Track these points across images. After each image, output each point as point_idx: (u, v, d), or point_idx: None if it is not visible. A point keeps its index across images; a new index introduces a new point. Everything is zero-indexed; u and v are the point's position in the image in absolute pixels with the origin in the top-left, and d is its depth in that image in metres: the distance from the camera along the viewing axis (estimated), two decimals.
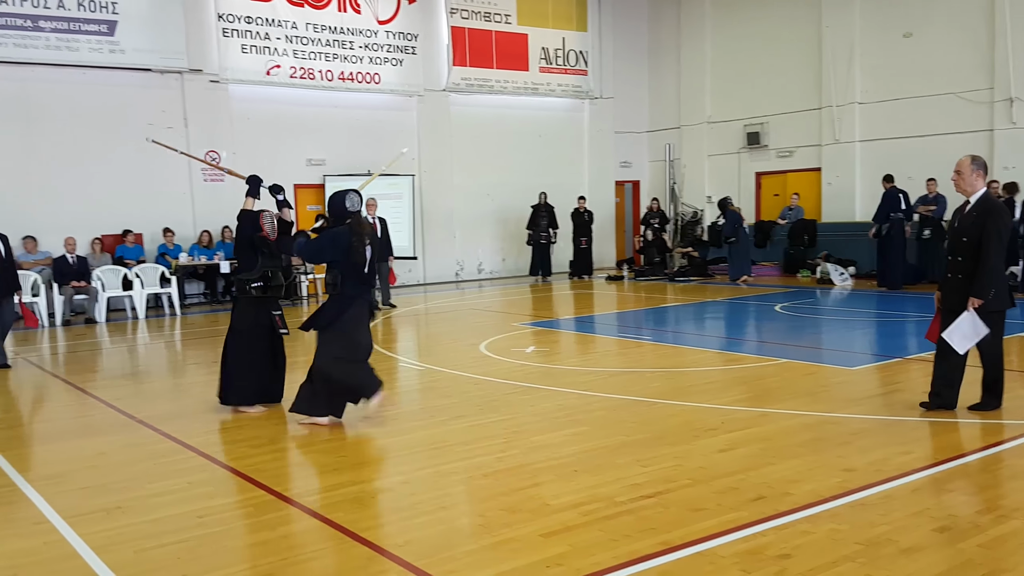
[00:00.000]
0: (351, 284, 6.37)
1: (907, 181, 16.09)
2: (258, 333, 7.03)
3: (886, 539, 3.91)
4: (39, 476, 5.32)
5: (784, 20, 18.71)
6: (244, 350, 6.96)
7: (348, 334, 6.35)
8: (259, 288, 6.99)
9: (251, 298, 7.01)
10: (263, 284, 7.01)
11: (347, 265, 6.33)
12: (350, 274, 6.36)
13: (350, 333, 6.36)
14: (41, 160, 14.63)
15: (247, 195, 7.35)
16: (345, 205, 6.46)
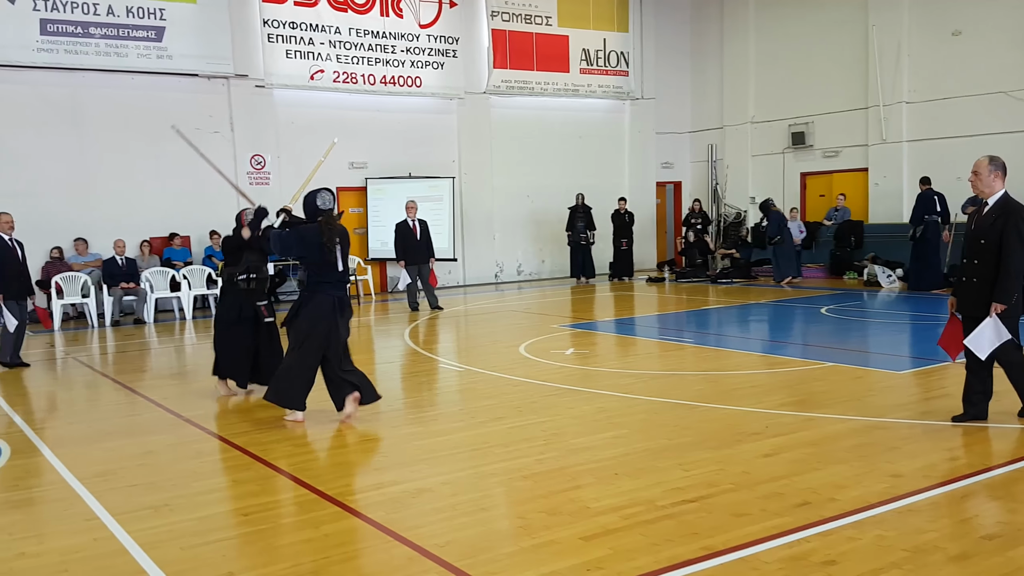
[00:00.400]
0: (318, 281, 6.58)
1: (955, 182, 15.72)
2: (242, 322, 7.64)
3: (934, 546, 3.83)
4: (89, 474, 5.44)
5: (830, 19, 18.44)
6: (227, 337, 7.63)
7: (307, 329, 6.52)
8: (244, 281, 7.52)
9: (237, 290, 7.57)
10: (246, 278, 7.54)
11: (315, 262, 6.55)
12: (319, 271, 6.57)
13: (309, 328, 6.52)
14: (91, 164, 14.97)
15: (248, 225, 7.79)
16: (317, 204, 6.71)
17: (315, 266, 6.58)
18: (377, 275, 18.10)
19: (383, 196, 17.58)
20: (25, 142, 14.41)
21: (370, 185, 17.59)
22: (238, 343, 7.69)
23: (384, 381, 8.85)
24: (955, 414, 6.06)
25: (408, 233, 13.99)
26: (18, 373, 9.54)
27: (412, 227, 14.03)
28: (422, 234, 14.10)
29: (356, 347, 10.97)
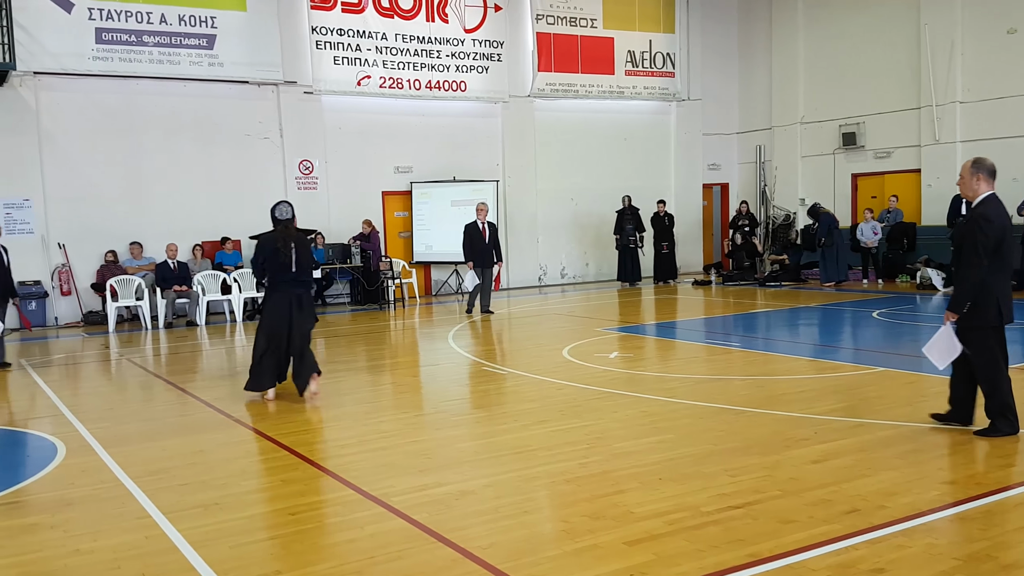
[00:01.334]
0: (275, 281, 7.65)
1: (1011, 183, 15.35)
2: None
3: (986, 555, 3.74)
4: (142, 472, 5.56)
5: (880, 17, 18.11)
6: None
7: (264, 321, 7.76)
8: None
9: None
10: None
11: (273, 264, 7.59)
12: (275, 272, 7.62)
13: (265, 320, 7.75)
14: (144, 169, 15.33)
15: None
16: (275, 214, 7.82)
17: (273, 268, 7.65)
18: (422, 278, 18.23)
19: (428, 200, 17.70)
20: (81, 148, 14.81)
21: (415, 189, 17.72)
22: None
23: (428, 384, 8.93)
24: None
25: (477, 235, 14.04)
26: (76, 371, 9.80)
27: (481, 229, 14.09)
28: (490, 237, 14.14)
29: (401, 350, 11.08)
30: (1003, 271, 5.58)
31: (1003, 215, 5.58)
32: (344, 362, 10.02)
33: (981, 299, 5.54)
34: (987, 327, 5.58)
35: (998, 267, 5.53)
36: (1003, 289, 5.57)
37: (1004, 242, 5.51)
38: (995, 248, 5.48)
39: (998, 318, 5.56)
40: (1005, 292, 5.57)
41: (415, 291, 17.49)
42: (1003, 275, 5.58)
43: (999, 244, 5.48)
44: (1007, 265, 5.59)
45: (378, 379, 9.06)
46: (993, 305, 5.54)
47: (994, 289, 5.53)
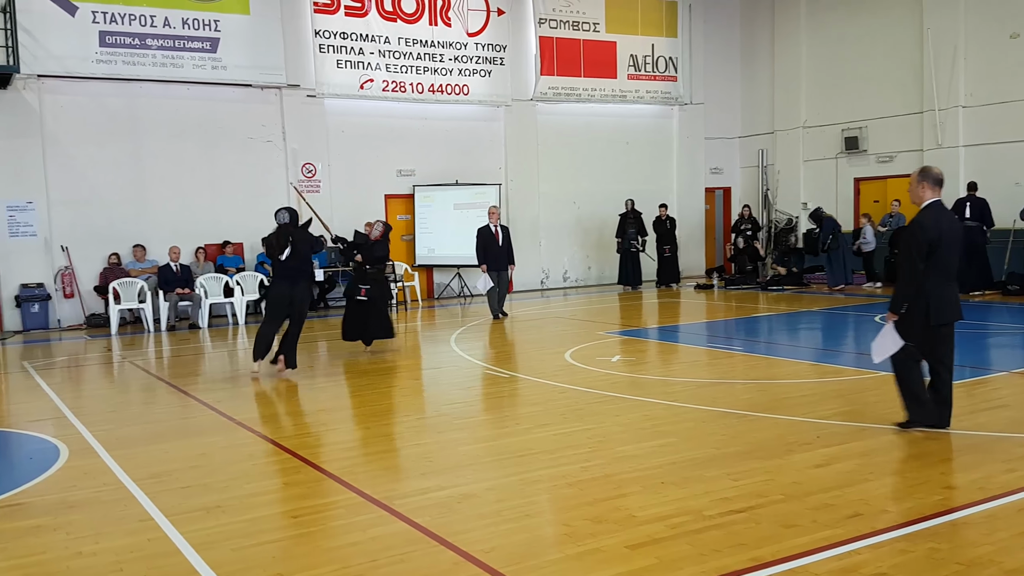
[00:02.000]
0: (276, 273, 9.37)
1: (1014, 188, 15.41)
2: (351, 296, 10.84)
3: (988, 560, 3.74)
4: (144, 475, 5.57)
5: (883, 22, 18.12)
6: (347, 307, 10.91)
7: (268, 305, 9.71)
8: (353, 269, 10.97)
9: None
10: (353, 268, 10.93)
11: (273, 259, 9.33)
12: (273, 264, 9.41)
13: (269, 304, 9.66)
14: (147, 172, 15.35)
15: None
16: (276, 218, 9.46)
17: (273, 262, 9.38)
18: (424, 281, 18.23)
19: (430, 203, 17.72)
20: (84, 151, 14.83)
21: (417, 192, 17.74)
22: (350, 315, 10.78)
23: (430, 387, 8.93)
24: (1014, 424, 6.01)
25: (490, 238, 14.03)
26: (78, 374, 9.81)
27: (494, 232, 14.09)
28: (504, 240, 14.14)
29: (404, 353, 11.08)
30: (938, 275, 5.83)
31: (940, 222, 5.85)
32: (346, 364, 10.02)
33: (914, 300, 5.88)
34: (916, 326, 5.88)
35: (933, 271, 5.81)
36: (937, 291, 5.84)
37: (939, 248, 5.79)
38: (929, 253, 5.78)
39: (926, 318, 5.85)
40: (938, 294, 5.83)
41: (417, 294, 17.49)
42: (938, 278, 5.84)
43: (933, 250, 5.78)
44: (942, 269, 5.84)
45: (380, 382, 9.06)
46: (924, 306, 5.84)
47: (929, 291, 5.83)
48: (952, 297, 5.91)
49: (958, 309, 5.97)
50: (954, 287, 5.97)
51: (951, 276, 5.94)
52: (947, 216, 6.01)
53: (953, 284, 5.97)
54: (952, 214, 6.13)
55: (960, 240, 6.06)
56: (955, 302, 5.94)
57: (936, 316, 5.85)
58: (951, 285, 5.93)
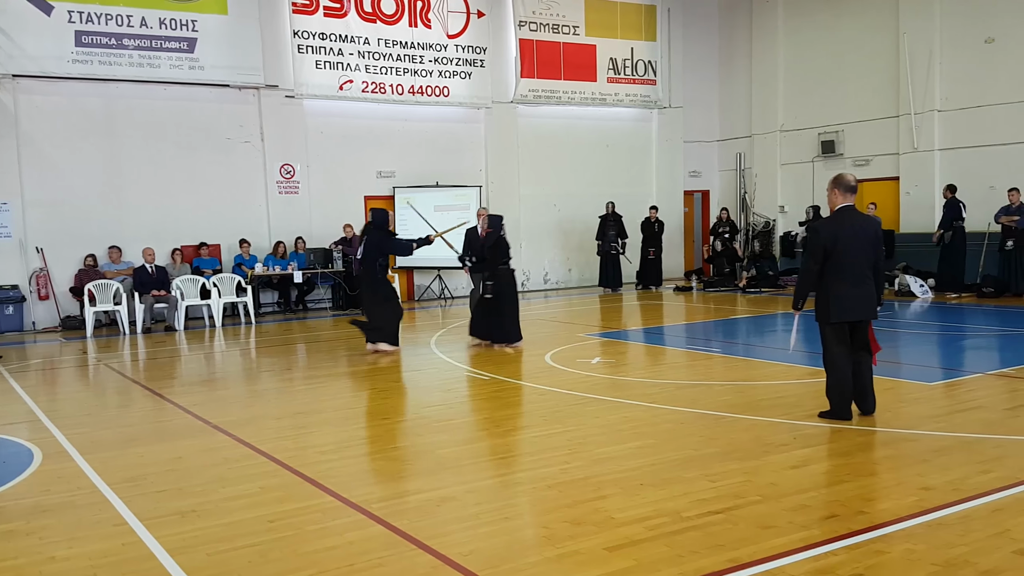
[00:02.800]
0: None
1: (989, 191, 15.59)
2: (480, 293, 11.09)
3: (964, 561, 3.77)
4: (119, 479, 5.50)
5: (860, 26, 18.29)
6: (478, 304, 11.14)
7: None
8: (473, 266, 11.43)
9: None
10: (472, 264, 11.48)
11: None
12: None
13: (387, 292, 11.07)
14: (124, 173, 15.22)
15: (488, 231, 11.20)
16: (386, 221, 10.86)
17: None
18: (404, 283, 18.18)
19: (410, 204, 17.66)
20: (60, 151, 14.68)
21: (397, 194, 17.69)
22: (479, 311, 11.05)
23: (410, 389, 8.89)
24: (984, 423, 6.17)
25: (475, 240, 13.98)
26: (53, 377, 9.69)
27: (480, 234, 14.02)
28: None
29: (384, 356, 11.04)
30: (837, 275, 6.21)
31: (840, 227, 6.24)
32: (325, 367, 9.97)
33: (819, 298, 6.36)
34: (824, 323, 6.34)
35: (831, 272, 6.21)
36: (837, 290, 6.22)
37: (836, 249, 6.18)
38: (826, 255, 6.21)
39: (827, 315, 6.28)
40: (837, 294, 6.22)
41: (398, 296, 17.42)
42: (836, 278, 6.22)
43: (828, 253, 6.19)
44: (841, 270, 6.20)
45: (359, 385, 9.03)
46: (824, 304, 6.30)
47: (829, 290, 6.24)
48: (856, 297, 6.23)
49: (862, 309, 6.26)
50: (862, 288, 6.25)
51: (854, 277, 6.23)
52: (852, 220, 6.32)
53: (860, 285, 6.25)
54: (862, 218, 6.42)
55: (871, 243, 6.31)
56: (860, 301, 6.24)
57: (836, 314, 6.25)
58: (856, 286, 6.23)
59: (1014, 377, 7.94)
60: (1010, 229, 14.48)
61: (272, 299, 16.54)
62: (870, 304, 6.30)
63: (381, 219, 10.87)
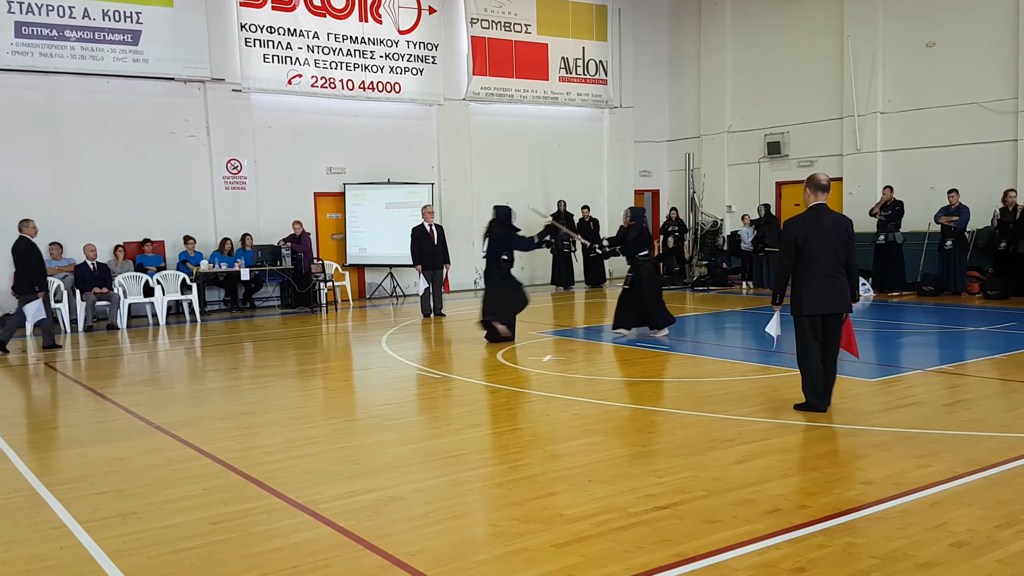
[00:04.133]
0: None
1: (929, 192, 16.00)
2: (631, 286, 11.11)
3: (903, 553, 3.86)
4: (58, 481, 5.37)
5: (805, 29, 18.63)
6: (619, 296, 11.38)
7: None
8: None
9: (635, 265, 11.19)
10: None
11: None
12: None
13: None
14: (66, 168, 14.83)
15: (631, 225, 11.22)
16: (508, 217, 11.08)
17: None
18: (355, 281, 18.04)
19: (362, 201, 17.54)
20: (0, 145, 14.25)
21: (348, 191, 17.54)
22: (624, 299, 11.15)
23: (359, 388, 8.83)
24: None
25: (425, 238, 13.94)
26: None
27: (429, 232, 14.00)
28: (439, 239, 14.06)
29: (333, 353, 10.95)
30: (808, 270, 6.46)
31: (810, 224, 6.47)
32: (273, 366, 9.84)
33: (793, 292, 6.59)
34: (798, 315, 6.57)
35: (804, 267, 6.47)
36: (809, 284, 6.48)
37: (806, 245, 6.43)
38: (797, 251, 6.47)
39: (800, 308, 6.51)
40: (811, 287, 6.47)
41: (348, 294, 17.29)
42: (808, 274, 6.47)
43: (799, 248, 6.45)
44: (812, 265, 6.44)
45: (308, 384, 8.93)
46: (798, 297, 6.53)
47: (802, 285, 6.51)
48: (828, 290, 6.46)
49: (834, 302, 6.48)
50: (834, 281, 6.48)
51: (827, 272, 6.46)
52: (822, 218, 6.51)
53: (833, 279, 6.47)
54: (834, 216, 6.60)
55: (841, 239, 6.50)
56: (832, 295, 6.46)
57: (809, 307, 6.49)
58: (829, 280, 6.47)
59: (952, 373, 8.16)
60: (949, 229, 14.88)
61: (218, 297, 16.27)
62: (843, 298, 6.50)
63: (504, 215, 11.12)
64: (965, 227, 14.94)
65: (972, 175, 15.58)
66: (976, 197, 15.05)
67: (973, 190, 15.13)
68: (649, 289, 10.99)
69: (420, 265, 13.90)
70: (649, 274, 11.12)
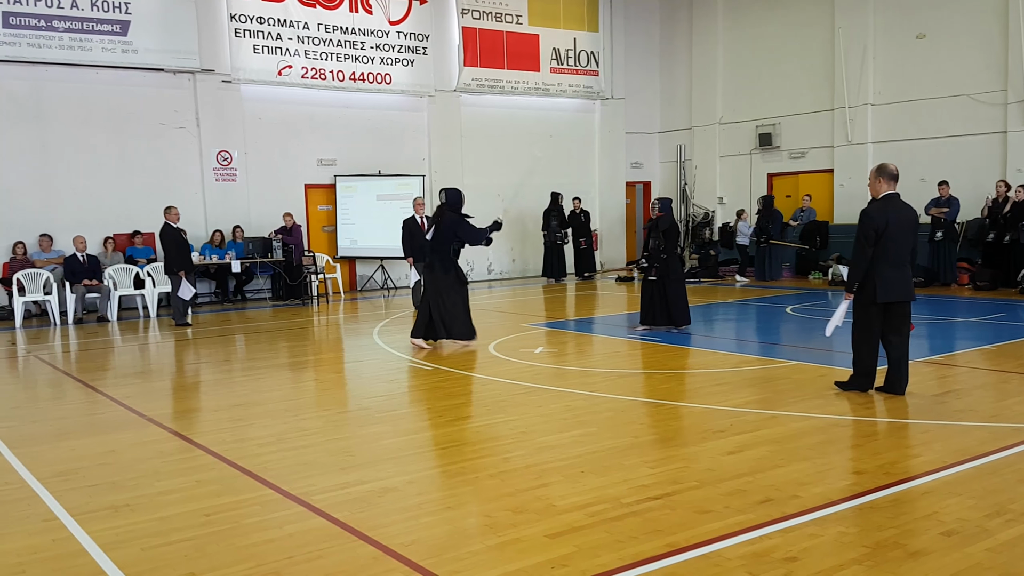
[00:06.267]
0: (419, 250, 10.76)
1: (919, 184, 16.04)
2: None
3: (893, 543, 3.89)
4: (49, 473, 5.35)
5: (797, 21, 18.65)
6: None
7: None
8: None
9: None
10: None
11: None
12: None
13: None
14: (55, 159, 14.74)
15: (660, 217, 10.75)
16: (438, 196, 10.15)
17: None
18: (346, 273, 18.01)
19: (352, 193, 17.49)
20: None
21: (339, 182, 17.49)
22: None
23: (351, 380, 8.82)
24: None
25: (416, 230, 13.83)
26: None
27: (420, 224, 13.92)
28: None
29: (325, 346, 10.93)
30: (885, 259, 6.53)
31: (888, 212, 6.54)
32: (264, 358, 9.82)
33: (864, 280, 6.62)
34: (866, 303, 6.63)
35: (880, 255, 6.53)
36: (883, 273, 6.54)
37: (884, 235, 6.49)
38: (876, 240, 6.51)
39: (873, 296, 6.56)
40: (884, 275, 6.53)
41: (339, 286, 17.26)
42: (884, 262, 6.54)
43: (879, 236, 6.49)
44: (890, 254, 6.53)
45: (300, 376, 8.91)
46: (871, 286, 6.56)
47: (875, 273, 6.54)
48: (899, 279, 6.57)
49: (906, 290, 6.61)
50: (904, 271, 6.60)
51: (899, 261, 6.58)
52: (897, 207, 6.67)
53: (902, 268, 6.60)
54: (905, 205, 6.73)
55: (912, 229, 6.66)
56: (903, 283, 6.59)
57: (882, 295, 6.55)
58: (899, 269, 6.58)
59: (942, 364, 8.20)
60: (939, 221, 14.94)
61: (209, 289, 16.21)
62: (910, 286, 6.65)
63: (455, 200, 9.97)
64: (955, 219, 15.00)
65: (962, 167, 15.64)
66: (965, 189, 15.12)
67: (963, 182, 15.20)
68: (676, 281, 10.68)
69: (411, 257, 13.85)
70: (676, 267, 10.79)
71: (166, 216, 12.81)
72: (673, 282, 10.64)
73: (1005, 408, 6.43)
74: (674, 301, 10.63)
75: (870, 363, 6.76)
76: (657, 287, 10.67)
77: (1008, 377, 7.58)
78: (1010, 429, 5.78)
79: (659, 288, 10.64)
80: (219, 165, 16.19)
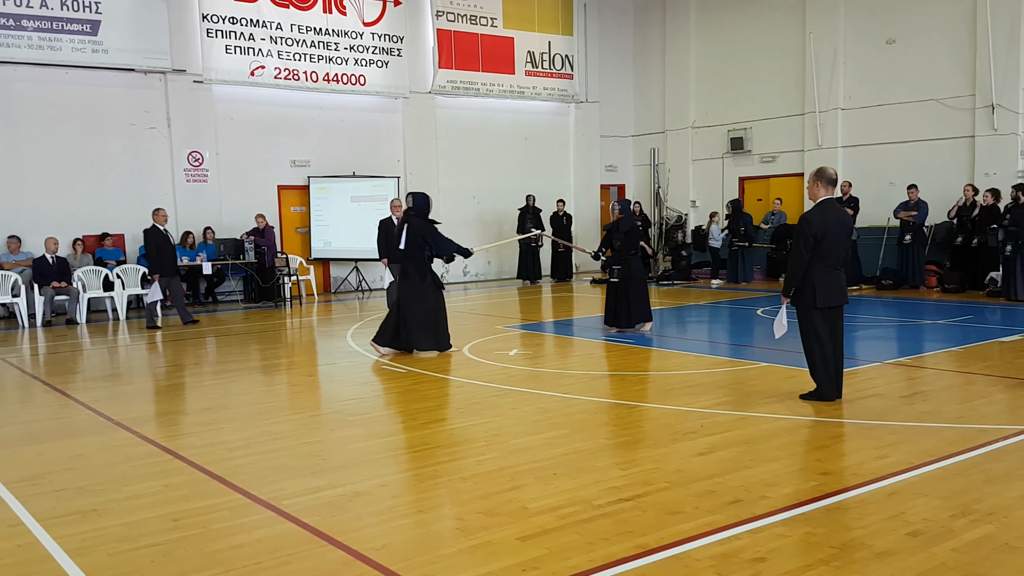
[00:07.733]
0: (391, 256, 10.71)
1: (889, 187, 16.25)
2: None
3: (860, 543, 3.93)
4: (15, 478, 5.27)
5: (768, 26, 18.82)
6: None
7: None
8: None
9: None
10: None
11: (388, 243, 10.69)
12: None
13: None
14: (24, 160, 14.55)
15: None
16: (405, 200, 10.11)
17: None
18: (320, 275, 17.92)
19: (326, 195, 17.41)
20: None
21: (313, 184, 17.40)
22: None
23: (324, 383, 8.78)
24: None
25: (392, 231, 13.79)
26: None
27: (395, 225, 13.84)
28: None
29: (297, 348, 10.87)
30: (823, 263, 6.56)
31: (827, 217, 6.56)
32: (235, 361, 9.75)
33: (803, 285, 6.63)
34: (810, 308, 6.63)
35: (819, 260, 6.55)
36: (821, 278, 6.56)
37: (824, 240, 6.52)
38: (815, 245, 6.54)
39: (813, 301, 6.59)
40: (823, 281, 6.56)
41: (313, 288, 17.17)
42: (822, 265, 6.56)
43: (818, 241, 6.52)
44: (827, 258, 6.56)
45: (271, 379, 8.86)
46: (811, 291, 6.58)
47: (813, 278, 6.57)
48: (836, 283, 6.62)
49: (843, 293, 6.68)
50: (839, 275, 6.66)
51: (835, 264, 6.62)
52: (835, 211, 6.68)
53: (838, 272, 6.66)
54: (842, 209, 6.82)
55: (848, 233, 6.74)
56: (839, 287, 6.65)
57: (823, 300, 6.58)
58: (836, 273, 6.63)
59: (909, 366, 8.31)
60: (908, 224, 15.14)
61: None
62: (845, 290, 6.73)
63: (422, 205, 9.72)
64: (924, 222, 15.20)
65: (931, 171, 15.85)
66: (934, 193, 15.32)
67: (931, 185, 15.40)
68: (638, 283, 10.92)
69: (386, 258, 13.80)
70: (638, 268, 11.02)
71: (154, 218, 12.58)
72: (636, 283, 10.84)
73: (971, 409, 6.52)
74: (635, 301, 10.84)
75: (829, 368, 6.71)
76: (620, 288, 10.84)
77: (974, 379, 7.69)
78: (976, 430, 5.87)
79: (622, 289, 10.82)
80: (190, 166, 16.05)
